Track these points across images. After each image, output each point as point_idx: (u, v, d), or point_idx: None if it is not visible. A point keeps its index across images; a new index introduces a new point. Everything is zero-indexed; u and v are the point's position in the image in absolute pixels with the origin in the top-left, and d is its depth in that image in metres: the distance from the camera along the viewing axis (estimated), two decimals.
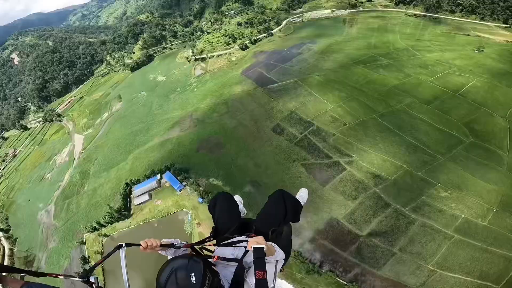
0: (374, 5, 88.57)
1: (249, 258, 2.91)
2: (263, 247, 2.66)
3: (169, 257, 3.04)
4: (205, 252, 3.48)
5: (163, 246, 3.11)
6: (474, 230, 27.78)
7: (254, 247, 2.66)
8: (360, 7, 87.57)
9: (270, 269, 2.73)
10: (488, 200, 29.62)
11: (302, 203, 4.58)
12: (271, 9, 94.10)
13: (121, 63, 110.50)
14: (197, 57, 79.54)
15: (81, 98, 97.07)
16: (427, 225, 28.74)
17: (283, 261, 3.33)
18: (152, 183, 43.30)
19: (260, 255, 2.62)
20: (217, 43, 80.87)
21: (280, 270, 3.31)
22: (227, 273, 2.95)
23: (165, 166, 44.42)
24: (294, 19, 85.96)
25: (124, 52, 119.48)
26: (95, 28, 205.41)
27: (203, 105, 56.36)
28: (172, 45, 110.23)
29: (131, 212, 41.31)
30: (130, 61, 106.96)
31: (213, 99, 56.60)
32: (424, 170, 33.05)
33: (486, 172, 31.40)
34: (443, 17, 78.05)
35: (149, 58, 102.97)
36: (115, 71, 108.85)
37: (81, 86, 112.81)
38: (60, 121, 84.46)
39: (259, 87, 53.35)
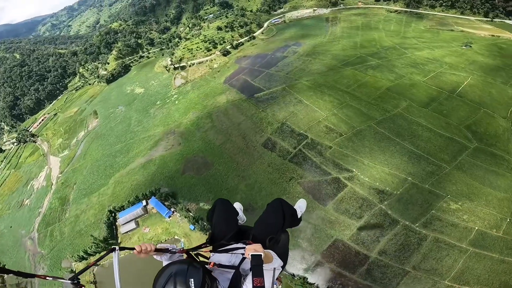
0: (355, 2, 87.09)
1: (247, 265, 2.96)
2: (261, 255, 2.65)
3: (164, 262, 3.09)
4: (201, 259, 3.49)
5: (158, 251, 3.08)
6: (489, 242, 25.99)
7: (251, 255, 2.65)
8: (341, 5, 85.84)
9: (267, 276, 2.73)
10: (500, 209, 27.61)
11: (300, 213, 4.76)
12: (251, 11, 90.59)
13: (95, 75, 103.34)
14: (176, 65, 74.73)
15: (55, 115, 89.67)
16: (440, 240, 26.59)
17: (281, 269, 3.32)
18: (137, 210, 39.25)
19: (257, 263, 2.61)
20: (196, 50, 76.39)
21: (277, 279, 3.35)
22: (223, 279, 2.91)
23: (149, 191, 40.42)
24: (275, 20, 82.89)
25: (98, 63, 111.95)
26: (65, 38, 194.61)
27: (186, 120, 52.10)
28: (149, 53, 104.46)
29: (119, 241, 37.71)
30: (105, 72, 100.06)
31: (196, 113, 52.42)
32: (430, 181, 30.60)
33: (495, 179, 29.34)
34: (424, 12, 77.50)
35: (126, 69, 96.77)
36: (89, 84, 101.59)
37: (54, 101, 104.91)
38: (35, 141, 77.74)
39: (244, 97, 49.64)
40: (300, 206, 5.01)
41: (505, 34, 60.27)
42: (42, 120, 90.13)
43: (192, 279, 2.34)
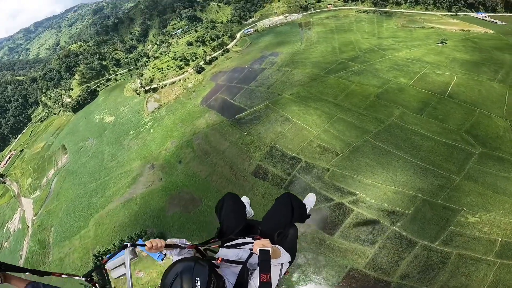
0: (324, 5, 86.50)
1: (254, 260, 2.93)
2: (269, 250, 2.66)
3: (173, 258, 3.19)
4: (209, 253, 3.53)
5: (168, 246, 3.12)
6: None
7: (259, 250, 2.65)
8: (312, 9, 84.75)
9: (274, 272, 2.74)
10: None
11: (309, 208, 4.88)
12: (221, 22, 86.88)
13: (59, 104, 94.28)
14: (147, 88, 68.96)
15: (21, 151, 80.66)
16: (465, 256, 24.48)
17: (288, 264, 3.32)
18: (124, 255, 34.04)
19: (265, 258, 2.61)
20: (167, 69, 71.15)
21: (285, 273, 3.30)
22: (230, 274, 2.92)
23: (135, 234, 36.13)
24: (248, 30, 79.83)
25: (61, 90, 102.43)
26: (24, 62, 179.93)
27: (165, 151, 46.98)
28: (116, 75, 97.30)
29: (113, 286, 33.64)
30: (69, 100, 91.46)
31: (175, 142, 47.44)
32: (442, 196, 28.22)
33: (507, 185, 27.47)
34: (391, 11, 78.19)
35: (92, 94, 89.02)
36: (54, 114, 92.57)
37: (19, 136, 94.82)
38: (4, 182, 69.58)
39: (226, 119, 45.37)
40: (310, 200, 5.19)
41: (474, 28, 61.28)
42: (9, 158, 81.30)
43: (198, 278, 2.33)
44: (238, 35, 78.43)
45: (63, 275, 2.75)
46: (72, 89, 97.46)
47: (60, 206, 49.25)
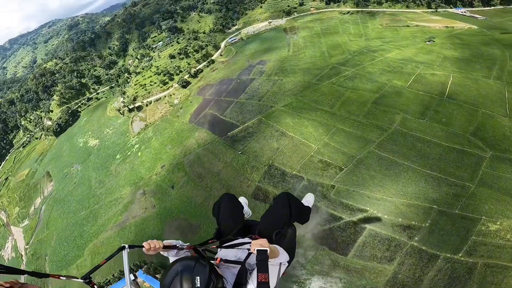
0: (307, 8, 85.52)
1: (252, 260, 2.91)
2: (267, 250, 2.63)
3: (171, 259, 3.20)
4: (208, 254, 3.51)
5: (166, 247, 3.14)
6: None
7: (257, 250, 2.63)
8: (295, 13, 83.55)
9: (272, 272, 2.74)
10: None
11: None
12: (204, 32, 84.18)
13: (40, 127, 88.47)
14: (130, 107, 65.03)
15: (6, 179, 75.75)
16: (492, 265, 22.79)
17: (287, 264, 3.32)
18: (126, 286, 30.73)
19: (263, 258, 2.59)
20: (151, 85, 67.56)
21: (283, 274, 3.29)
22: (229, 275, 2.92)
23: (134, 264, 33.44)
24: (232, 38, 77.50)
25: (41, 112, 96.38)
26: (1, 83, 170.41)
27: (155, 176, 43.65)
28: (97, 93, 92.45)
29: None
30: (50, 123, 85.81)
31: (166, 165, 44.14)
32: (459, 205, 26.41)
33: None
34: (374, 10, 78.04)
35: (73, 115, 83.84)
36: (36, 138, 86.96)
37: (3, 163, 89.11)
38: None
39: (217, 137, 42.45)
40: (308, 200, 5.24)
41: (457, 24, 61.44)
42: None
43: (198, 277, 2.33)
44: (222, 45, 75.91)
45: (61, 277, 2.69)
46: (51, 111, 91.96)
47: (51, 235, 46.71)
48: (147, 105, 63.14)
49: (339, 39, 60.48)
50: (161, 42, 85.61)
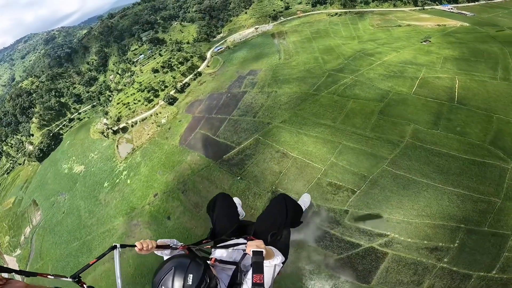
0: (293, 12, 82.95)
1: (247, 261, 2.99)
2: (262, 251, 2.63)
3: (165, 258, 3.12)
4: (202, 254, 3.48)
5: (159, 247, 3.13)
6: None
7: (253, 251, 2.62)
8: (282, 17, 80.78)
9: (267, 273, 2.73)
10: None
11: (304, 208, 4.82)
12: (188, 42, 79.98)
13: (22, 152, 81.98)
14: (115, 128, 60.09)
15: None
16: None
17: (282, 265, 3.31)
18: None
19: (258, 259, 2.58)
20: (134, 103, 62.79)
21: (278, 274, 3.32)
22: (224, 275, 2.93)
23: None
24: (218, 47, 73.74)
25: (21, 136, 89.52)
26: None
27: (148, 206, 39.47)
28: (79, 113, 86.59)
29: None
30: (31, 147, 79.46)
31: (158, 193, 40.00)
32: (487, 222, 24.04)
33: None
34: (362, 11, 76.33)
35: (56, 139, 77.81)
36: (20, 164, 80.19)
37: None
38: None
39: (212, 161, 38.55)
40: (304, 201, 5.27)
41: (448, 22, 60.17)
42: None
43: (191, 275, 2.29)
44: (208, 55, 72.03)
45: (49, 276, 2.63)
46: (32, 135, 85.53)
47: (46, 266, 43.25)
48: (132, 125, 58.41)
49: (331, 42, 57.91)
50: (142, 55, 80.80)
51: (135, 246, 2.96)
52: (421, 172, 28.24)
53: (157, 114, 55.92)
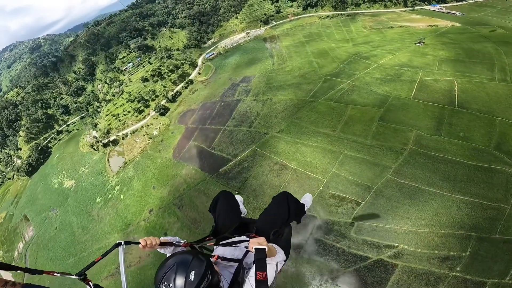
0: (284, 15, 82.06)
1: (250, 258, 2.99)
2: (265, 248, 2.63)
3: (168, 255, 3.10)
4: (205, 251, 3.51)
5: (162, 244, 3.15)
6: None
7: (255, 248, 2.63)
8: (273, 21, 79.76)
9: (270, 270, 2.70)
10: None
11: (306, 208, 4.94)
12: (178, 49, 77.97)
13: (11, 167, 78.89)
14: (105, 141, 57.61)
15: None
16: None
17: (283, 262, 3.34)
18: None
19: (261, 256, 2.58)
20: (124, 114, 60.42)
21: (279, 271, 3.29)
22: (226, 273, 2.93)
23: None
24: (209, 54, 72.04)
25: (9, 150, 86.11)
26: None
27: (144, 222, 37.66)
28: (67, 125, 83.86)
29: None
30: (20, 162, 76.47)
31: (153, 209, 38.19)
32: (498, 229, 23.14)
33: None
34: (353, 12, 75.98)
35: (44, 152, 75.18)
36: (9, 179, 77.32)
37: None
38: None
39: (208, 175, 36.78)
40: (306, 200, 5.28)
41: (439, 22, 60.20)
42: None
43: (193, 271, 2.29)
44: (199, 61, 70.23)
45: (55, 274, 2.65)
46: (20, 149, 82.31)
47: (43, 281, 39.61)
48: (123, 138, 56.04)
49: (325, 46, 57.04)
50: (131, 63, 78.38)
51: (139, 243, 2.97)
52: (427, 180, 27.21)
53: (148, 125, 53.75)
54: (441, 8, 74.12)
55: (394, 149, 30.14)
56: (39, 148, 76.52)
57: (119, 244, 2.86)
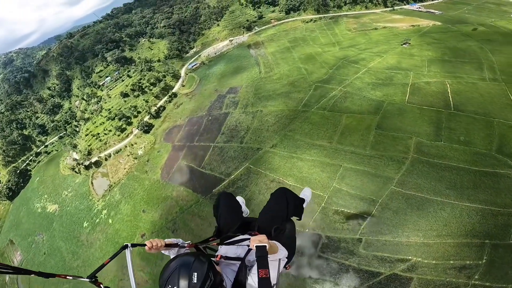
0: (267, 20, 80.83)
1: (252, 256, 2.92)
2: (266, 246, 2.64)
3: (172, 257, 3.01)
4: (208, 251, 3.59)
5: (168, 246, 3.23)
6: None
7: (256, 246, 2.64)
8: (256, 27, 78.26)
9: (273, 267, 2.72)
10: None
11: (306, 202, 4.81)
12: (159, 60, 74.62)
13: None
14: (86, 163, 53.40)
15: None
16: None
17: (286, 259, 3.38)
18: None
19: (262, 254, 2.59)
20: (105, 134, 56.43)
21: (286, 268, 3.57)
22: (229, 272, 2.94)
23: None
24: (192, 64, 69.32)
25: None
26: None
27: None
28: (46, 146, 78.19)
29: None
30: None
31: (146, 234, 35.63)
32: (511, 235, 22.56)
33: None
34: (336, 15, 75.90)
35: (24, 176, 69.89)
36: None
37: None
38: None
39: (201, 196, 34.15)
40: (306, 194, 5.15)
41: (420, 22, 60.70)
42: None
43: (195, 273, 2.33)
44: (182, 72, 67.34)
45: (68, 277, 2.73)
46: None
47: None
48: (106, 159, 52.11)
49: (311, 50, 55.93)
50: (108, 77, 74.14)
51: (145, 245, 3.02)
52: (434, 189, 26.03)
53: (132, 144, 50.20)
54: (419, 7, 75.34)
55: (395, 159, 28.83)
56: (18, 171, 71.33)
57: (126, 247, 2.89)
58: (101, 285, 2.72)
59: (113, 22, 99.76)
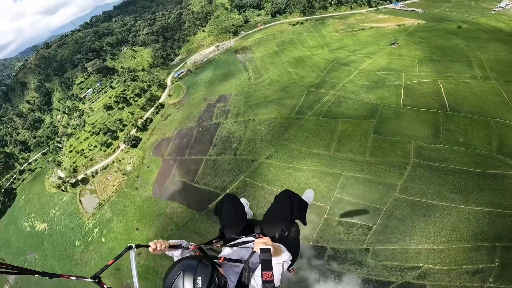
0: (253, 24, 79.67)
1: (256, 259, 2.88)
2: (270, 248, 2.64)
3: (175, 258, 3.18)
4: (212, 253, 3.56)
5: (171, 247, 3.16)
6: None
7: (260, 248, 2.64)
8: (242, 32, 76.92)
9: (276, 270, 2.71)
10: None
11: (309, 203, 4.75)
12: (143, 69, 71.84)
13: None
14: (72, 181, 50.23)
15: None
16: None
17: (290, 262, 3.26)
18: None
19: (266, 256, 2.58)
20: (90, 149, 53.31)
21: (290, 271, 3.52)
22: (232, 273, 2.92)
23: None
24: (179, 72, 67.10)
25: None
26: None
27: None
28: (29, 164, 74.09)
29: None
30: None
31: (142, 252, 32.96)
32: None
33: None
34: (322, 16, 75.69)
35: (9, 194, 66.58)
36: None
37: None
38: None
39: (196, 213, 32.30)
40: (308, 196, 5.27)
41: (405, 21, 61.19)
42: None
43: (200, 277, 2.31)
44: (168, 81, 64.96)
45: (71, 277, 2.74)
46: None
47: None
48: (93, 176, 49.14)
49: (300, 53, 55.10)
50: (90, 89, 70.67)
51: (149, 246, 2.99)
52: (438, 194, 25.30)
53: (119, 160, 47.49)
54: (402, 6, 76.20)
55: (396, 164, 27.97)
56: (2, 190, 67.57)
57: (130, 248, 2.80)
58: (105, 285, 2.65)
59: (93, 31, 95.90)
